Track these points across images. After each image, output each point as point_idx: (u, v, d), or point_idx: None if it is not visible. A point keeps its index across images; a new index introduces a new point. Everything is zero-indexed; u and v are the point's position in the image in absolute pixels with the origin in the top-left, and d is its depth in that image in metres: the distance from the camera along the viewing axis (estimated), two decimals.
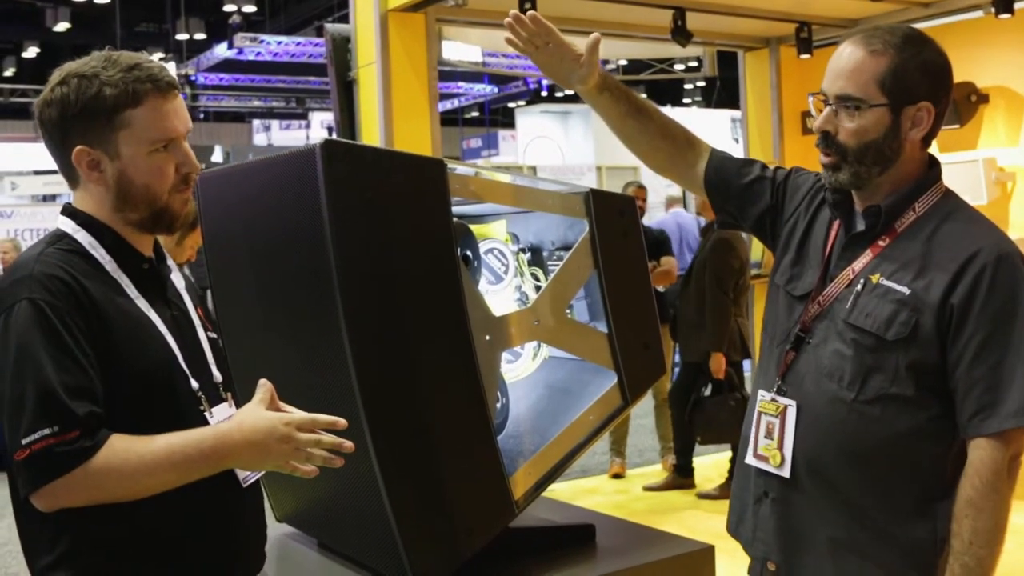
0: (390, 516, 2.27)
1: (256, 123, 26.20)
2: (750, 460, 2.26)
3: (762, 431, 2.22)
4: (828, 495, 2.12)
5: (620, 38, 7.36)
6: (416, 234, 2.37)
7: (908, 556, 2.07)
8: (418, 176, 2.40)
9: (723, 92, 22.23)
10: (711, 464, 7.14)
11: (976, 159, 6.42)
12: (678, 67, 11.47)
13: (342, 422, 1.86)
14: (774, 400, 2.20)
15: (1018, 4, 6.03)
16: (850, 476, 2.10)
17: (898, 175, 2.12)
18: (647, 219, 12.50)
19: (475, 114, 28.64)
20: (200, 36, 21.66)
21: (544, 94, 24.32)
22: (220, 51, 18.91)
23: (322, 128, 23.73)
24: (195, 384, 1.94)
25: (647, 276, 2.93)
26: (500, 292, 2.83)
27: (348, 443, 1.85)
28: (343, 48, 6.05)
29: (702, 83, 24.79)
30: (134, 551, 1.85)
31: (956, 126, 6.48)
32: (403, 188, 2.36)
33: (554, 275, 2.71)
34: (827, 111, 2.11)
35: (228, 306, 2.76)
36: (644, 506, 6.52)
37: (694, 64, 11.59)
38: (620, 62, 13.00)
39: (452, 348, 2.39)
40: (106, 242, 1.93)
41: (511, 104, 25.64)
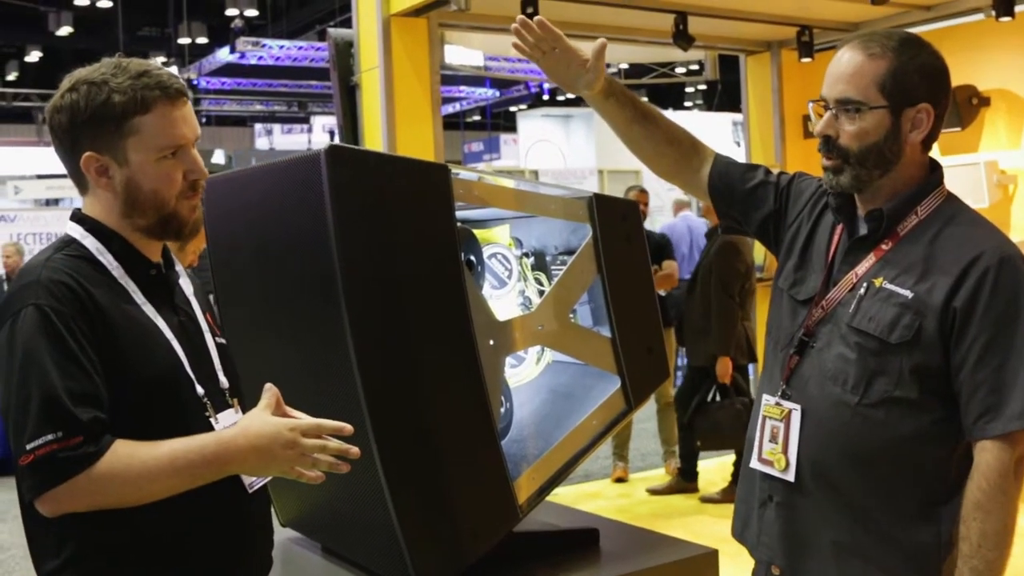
0: (394, 520, 2.27)
1: (258, 127, 26.21)
2: (755, 464, 2.27)
3: (767, 435, 2.22)
4: (832, 499, 2.13)
5: (622, 42, 7.36)
6: (420, 239, 2.38)
7: (912, 560, 2.08)
8: (422, 181, 2.41)
9: (724, 95, 22.24)
10: (715, 468, 7.14)
11: (977, 162, 6.42)
12: (679, 71, 11.48)
13: (348, 427, 1.86)
14: (778, 404, 2.21)
15: (1018, 7, 6.04)
16: (854, 479, 2.10)
17: (899, 178, 2.13)
18: (654, 223, 12.52)
19: (476, 118, 28.63)
20: (202, 40, 21.65)
21: (546, 98, 24.33)
22: (222, 55, 18.90)
23: (324, 132, 23.74)
24: (200, 390, 1.94)
25: (650, 280, 2.94)
26: (503, 297, 2.83)
27: (354, 449, 1.85)
28: (346, 53, 6.06)
29: (703, 86, 24.78)
30: (139, 556, 1.85)
31: (957, 129, 6.49)
32: (407, 193, 2.37)
33: (557, 280, 2.72)
34: (827, 115, 2.12)
35: (232, 310, 2.76)
36: (647, 510, 6.52)
37: (695, 68, 11.61)
38: (622, 66, 13.01)
39: (456, 352, 2.40)
40: (114, 248, 1.93)
41: (513, 108, 25.63)
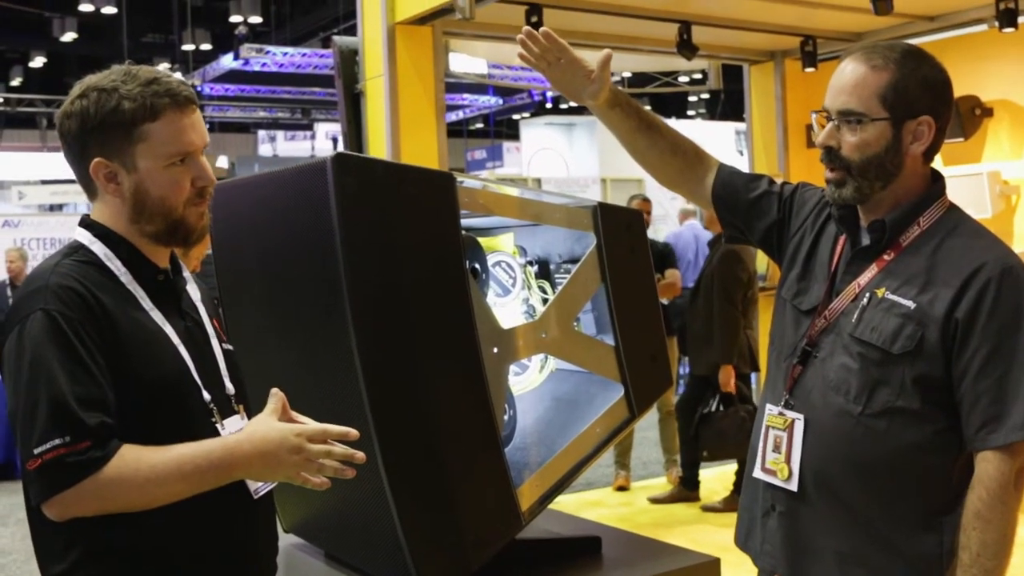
0: (398, 527, 2.28)
1: (261, 134, 26.25)
2: (758, 474, 2.28)
3: (770, 445, 2.23)
4: (835, 508, 2.14)
5: (626, 51, 7.38)
6: (425, 246, 2.39)
7: (914, 569, 2.08)
8: (428, 189, 2.42)
9: (727, 105, 22.28)
10: (716, 477, 7.14)
11: (980, 172, 6.43)
12: (683, 80, 11.48)
13: (354, 433, 1.87)
14: (781, 414, 2.22)
15: (1022, 18, 6.05)
16: (856, 489, 2.11)
17: (901, 189, 2.14)
18: (657, 231, 12.53)
19: (480, 125, 28.67)
20: (206, 47, 21.71)
21: (549, 106, 24.34)
22: (226, 62, 18.93)
23: (327, 139, 23.78)
24: (207, 396, 1.95)
25: (654, 289, 2.95)
26: (508, 305, 2.84)
27: (360, 454, 1.86)
28: (351, 60, 6.08)
29: (706, 96, 24.82)
30: (145, 561, 1.86)
31: (960, 139, 6.50)
32: (413, 201, 2.38)
33: (562, 288, 2.73)
34: (829, 126, 2.14)
35: (237, 317, 2.78)
36: (649, 519, 6.51)
37: (698, 77, 11.62)
38: (625, 75, 13.03)
39: (460, 360, 2.41)
40: (122, 254, 1.95)
41: (516, 116, 25.66)
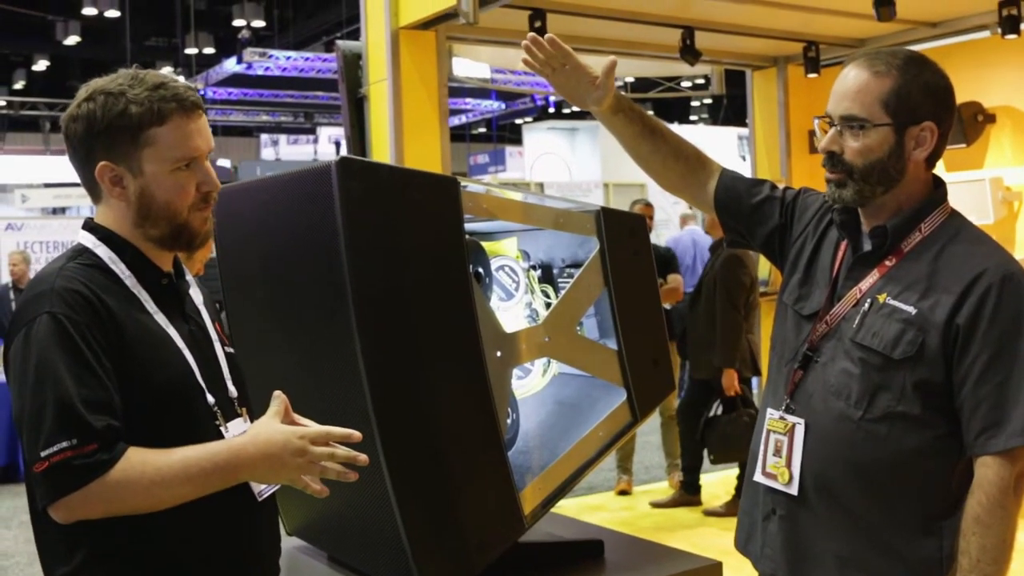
0: (401, 530, 2.29)
1: (264, 137, 26.29)
2: (758, 478, 2.28)
3: (770, 449, 2.24)
4: (835, 512, 2.14)
5: (629, 56, 7.39)
6: (429, 251, 2.40)
7: (914, 573, 2.09)
8: (432, 194, 2.43)
9: (730, 110, 22.29)
10: (718, 481, 7.14)
11: (983, 178, 6.43)
12: (685, 85, 11.51)
13: (356, 435, 1.87)
14: (782, 418, 2.23)
15: None
16: (857, 493, 2.12)
17: (903, 195, 2.15)
18: (659, 236, 12.54)
19: (482, 130, 28.69)
20: (209, 50, 21.74)
21: (551, 111, 24.38)
22: (229, 66, 18.94)
23: (330, 143, 23.82)
24: (211, 399, 1.96)
25: (657, 294, 2.96)
26: (511, 309, 2.85)
27: (362, 456, 1.86)
28: (354, 65, 6.08)
29: (709, 101, 24.83)
30: (150, 563, 1.86)
31: (963, 145, 6.50)
32: (417, 205, 2.39)
33: (565, 292, 2.74)
34: (832, 132, 2.15)
35: (241, 320, 2.79)
36: (651, 523, 6.52)
37: (701, 82, 11.63)
38: (628, 79, 13.04)
39: (464, 364, 2.41)
40: (126, 257, 1.95)
41: (518, 120, 25.68)
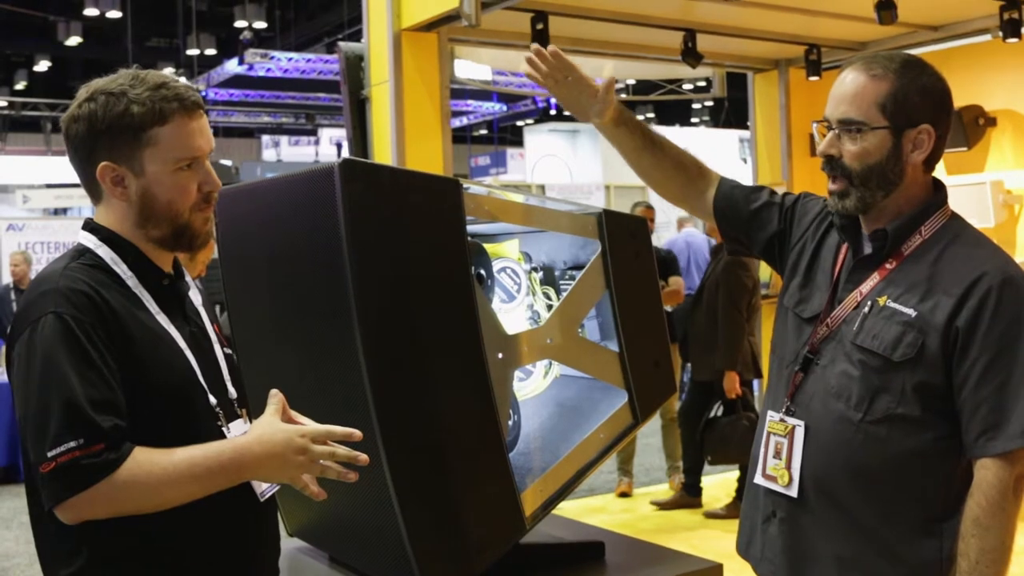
0: (403, 532, 2.29)
1: (265, 139, 26.30)
2: (759, 480, 2.29)
3: (771, 451, 2.25)
4: (835, 514, 2.15)
5: (631, 59, 7.39)
6: (431, 252, 2.40)
7: (915, 572, 2.09)
8: (434, 196, 2.43)
9: (731, 112, 22.30)
10: (719, 483, 7.15)
11: (983, 182, 6.43)
12: (687, 87, 11.51)
13: (357, 434, 1.88)
14: (783, 421, 2.23)
15: None
16: (857, 496, 2.12)
17: (903, 198, 2.16)
18: (659, 239, 12.55)
19: (483, 132, 28.71)
20: (211, 52, 21.74)
21: (553, 113, 24.38)
22: (231, 67, 18.95)
23: (331, 144, 23.82)
24: (213, 400, 1.96)
25: (658, 296, 2.96)
26: (512, 311, 2.86)
27: (363, 455, 1.87)
28: (356, 66, 6.08)
29: (710, 103, 24.84)
30: (154, 564, 1.87)
31: (963, 149, 6.50)
32: (419, 207, 2.39)
33: (567, 294, 2.74)
34: (830, 135, 2.16)
35: (243, 321, 2.79)
36: (651, 525, 6.52)
37: (702, 84, 11.63)
38: (629, 82, 13.06)
39: (466, 365, 2.42)
40: (128, 258, 1.95)
41: (519, 122, 25.70)
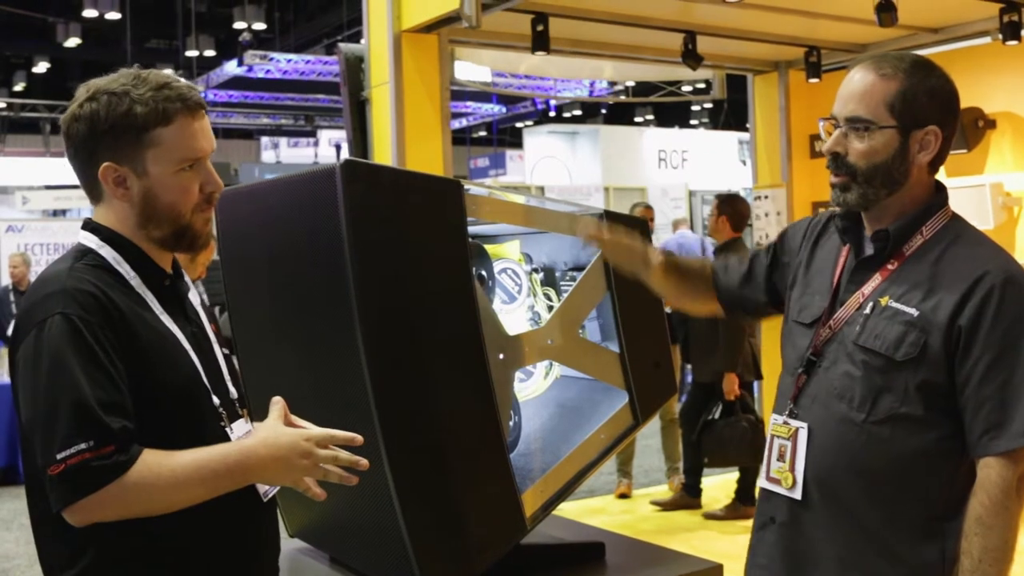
0: (404, 532, 2.29)
1: (264, 140, 26.31)
2: (763, 483, 2.29)
3: (775, 454, 2.25)
4: (838, 516, 2.15)
5: (631, 60, 7.40)
6: (433, 253, 2.41)
7: (917, 574, 2.09)
8: (435, 196, 2.44)
9: (730, 114, 22.30)
10: (718, 485, 7.15)
11: (983, 184, 6.43)
12: (686, 89, 11.52)
13: (358, 438, 1.89)
14: (786, 423, 2.23)
15: None
16: (860, 497, 2.12)
17: (906, 198, 2.16)
18: (657, 240, 12.55)
19: (483, 133, 28.72)
20: (210, 53, 21.75)
21: (552, 114, 24.40)
22: (230, 68, 18.98)
23: (330, 146, 23.83)
24: (216, 400, 1.96)
25: (658, 297, 2.96)
26: (513, 311, 2.86)
27: (363, 460, 1.88)
28: (356, 68, 6.08)
29: (710, 105, 24.85)
30: (157, 564, 1.86)
31: (963, 151, 6.51)
32: (420, 208, 2.39)
33: (568, 295, 2.75)
34: (837, 133, 2.16)
35: (244, 323, 2.79)
36: (651, 526, 6.52)
37: (702, 86, 11.62)
38: (629, 83, 13.06)
39: (467, 366, 2.42)
40: (130, 258, 1.94)
41: (519, 124, 25.72)
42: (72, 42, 20.85)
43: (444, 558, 2.38)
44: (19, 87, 24.99)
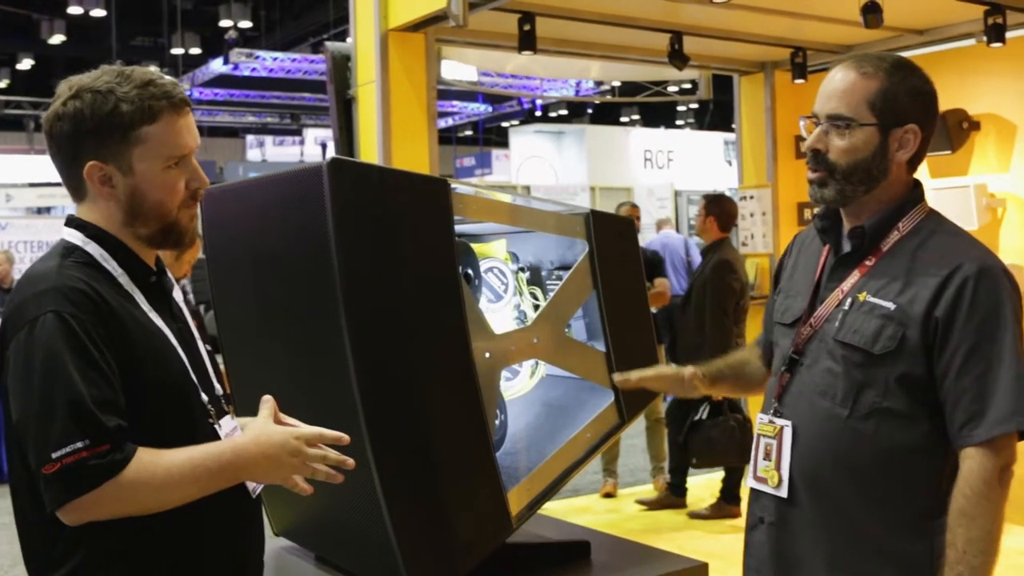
0: (390, 531, 2.29)
1: (250, 138, 26.25)
2: (750, 483, 2.30)
3: (761, 453, 2.26)
4: (825, 513, 2.16)
5: (617, 60, 7.40)
6: (419, 252, 2.41)
7: (906, 572, 2.10)
8: (422, 195, 2.44)
9: (716, 115, 22.36)
10: (703, 484, 7.16)
11: (967, 185, 6.46)
12: (672, 89, 11.54)
13: (345, 438, 1.90)
14: (771, 422, 2.25)
15: (1010, 33, 6.09)
16: (846, 494, 2.13)
17: (883, 195, 2.19)
18: (643, 239, 12.57)
19: (468, 133, 28.72)
20: (196, 51, 21.70)
21: (538, 114, 24.41)
22: (216, 66, 18.93)
23: (316, 144, 23.80)
24: (205, 397, 1.96)
25: (645, 296, 2.97)
26: (500, 310, 2.86)
27: (350, 460, 1.89)
28: (343, 66, 6.07)
29: (695, 105, 24.90)
30: (149, 564, 1.86)
31: (948, 152, 6.52)
32: (407, 207, 2.39)
33: (554, 294, 2.75)
34: (818, 131, 2.19)
35: (230, 321, 2.78)
36: (636, 525, 6.53)
37: (688, 86, 11.64)
38: (615, 84, 13.08)
39: (453, 364, 2.42)
40: (117, 255, 1.93)
41: (505, 123, 25.72)
42: (57, 39, 20.77)
43: (430, 556, 2.38)
44: (3, 84, 24.89)
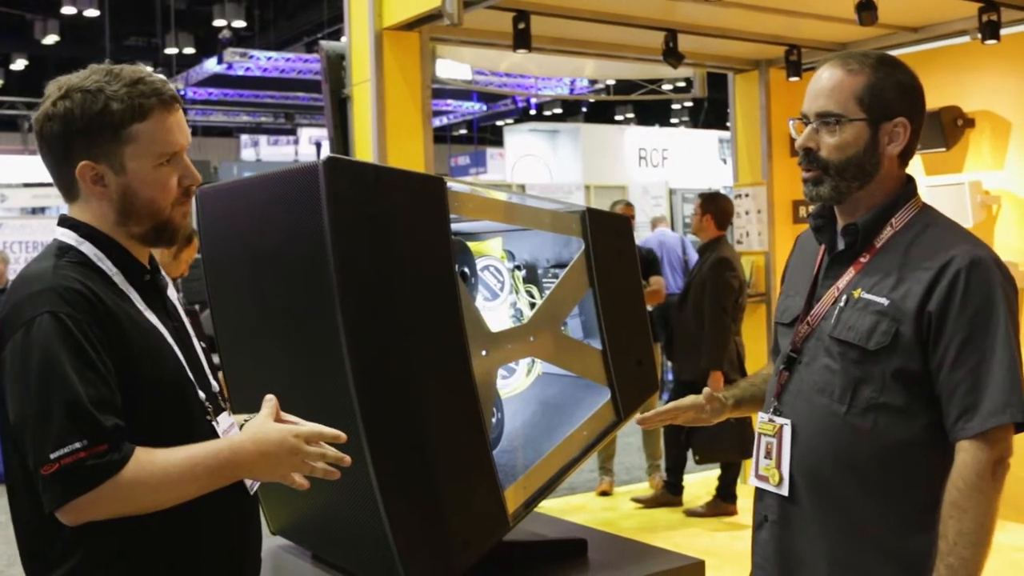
0: (387, 529, 2.30)
1: (244, 138, 26.19)
2: (752, 481, 2.31)
3: (762, 451, 2.27)
4: (826, 510, 2.16)
5: (612, 58, 7.40)
6: (415, 251, 2.41)
7: (906, 569, 2.10)
8: (418, 194, 2.44)
9: (711, 113, 22.37)
10: (699, 482, 7.17)
11: (962, 182, 6.46)
12: (667, 87, 11.54)
13: (343, 436, 1.91)
14: (771, 420, 2.25)
15: (1004, 30, 6.10)
16: (847, 490, 2.14)
17: (877, 191, 2.20)
18: (640, 237, 12.58)
19: (463, 131, 28.69)
20: (190, 51, 21.64)
21: (533, 112, 24.40)
22: (210, 66, 18.90)
23: (310, 144, 23.75)
24: (202, 394, 1.96)
25: (641, 294, 2.97)
26: (496, 309, 2.86)
27: (347, 458, 1.90)
28: (337, 65, 6.06)
29: (690, 103, 24.90)
30: (147, 563, 1.86)
31: (942, 149, 6.53)
32: (403, 205, 2.39)
33: (550, 292, 2.75)
34: (808, 129, 2.20)
35: (226, 320, 2.78)
36: (632, 523, 6.54)
37: (682, 84, 11.64)
38: (609, 82, 13.08)
39: (449, 363, 2.42)
40: (111, 254, 1.93)
41: (499, 122, 25.70)
42: (50, 39, 20.70)
43: (427, 554, 2.38)
44: None
